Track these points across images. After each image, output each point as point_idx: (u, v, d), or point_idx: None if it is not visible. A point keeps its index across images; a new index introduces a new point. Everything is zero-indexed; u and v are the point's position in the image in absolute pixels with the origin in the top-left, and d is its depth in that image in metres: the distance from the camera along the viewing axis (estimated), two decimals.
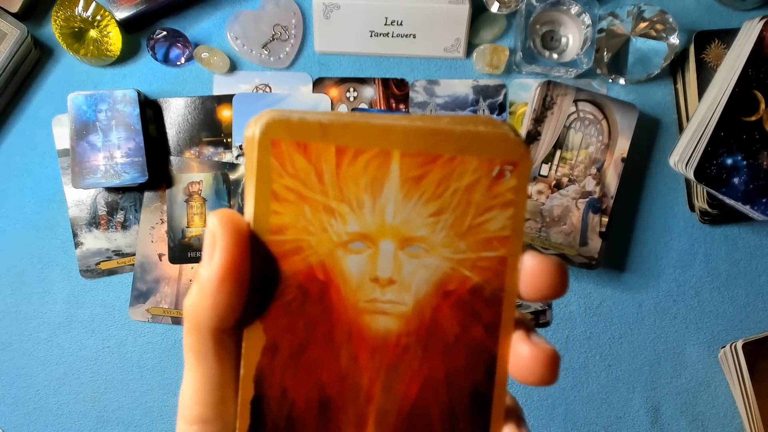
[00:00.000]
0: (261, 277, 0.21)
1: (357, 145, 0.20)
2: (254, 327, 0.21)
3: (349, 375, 0.22)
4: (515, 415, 0.23)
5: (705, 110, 0.59)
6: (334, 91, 0.65)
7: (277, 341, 0.21)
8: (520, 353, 0.21)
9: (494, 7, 0.63)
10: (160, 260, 0.64)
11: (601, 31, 0.63)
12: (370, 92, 0.65)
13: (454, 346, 0.22)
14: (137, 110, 0.61)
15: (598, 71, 0.64)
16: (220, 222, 0.20)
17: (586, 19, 0.62)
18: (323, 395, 0.22)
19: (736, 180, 0.58)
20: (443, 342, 0.22)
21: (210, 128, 0.65)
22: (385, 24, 0.63)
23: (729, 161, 0.58)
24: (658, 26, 0.62)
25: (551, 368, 0.21)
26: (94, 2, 0.62)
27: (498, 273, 0.22)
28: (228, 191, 0.65)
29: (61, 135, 0.64)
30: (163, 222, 0.64)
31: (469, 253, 0.22)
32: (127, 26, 0.64)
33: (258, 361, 0.21)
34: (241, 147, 0.65)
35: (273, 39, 0.65)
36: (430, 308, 0.22)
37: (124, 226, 0.64)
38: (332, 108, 0.65)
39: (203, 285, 0.20)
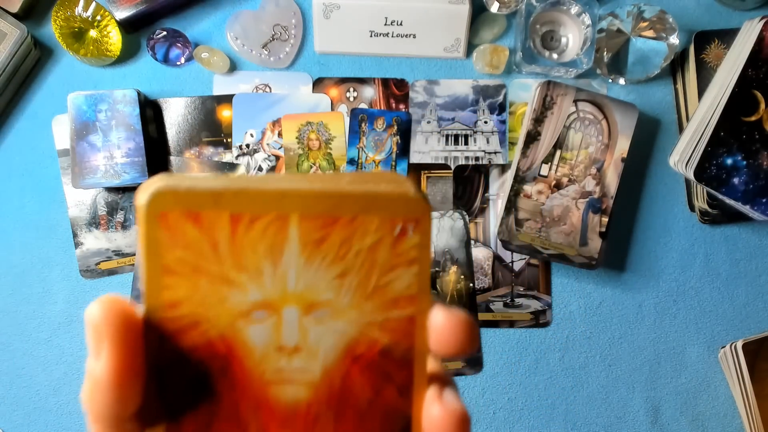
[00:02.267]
0: (158, 357, 0.20)
1: (252, 211, 0.20)
2: (155, 409, 0.20)
3: None
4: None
5: (705, 110, 0.59)
6: (334, 91, 0.65)
7: (181, 423, 0.20)
8: (432, 414, 0.21)
9: (494, 7, 0.63)
10: None
11: (601, 31, 0.63)
12: (370, 92, 0.65)
13: (367, 412, 0.21)
14: (137, 110, 0.61)
15: (598, 71, 0.64)
16: (103, 314, 0.18)
17: (586, 19, 0.62)
18: None
19: (736, 180, 0.58)
20: (356, 408, 0.21)
21: (210, 128, 0.65)
22: (385, 24, 0.63)
23: (729, 161, 0.58)
24: (658, 26, 0.62)
25: (462, 429, 0.20)
26: (94, 2, 0.62)
27: (407, 333, 0.21)
28: None
29: (61, 135, 0.64)
30: None
31: (377, 315, 0.21)
32: (127, 26, 0.64)
33: None
34: (240, 147, 0.65)
35: (273, 39, 0.65)
36: (339, 374, 0.21)
37: (124, 226, 0.64)
38: (332, 108, 0.65)
39: (95, 381, 0.19)
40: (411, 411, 0.21)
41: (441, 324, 0.21)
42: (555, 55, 0.64)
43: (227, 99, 0.65)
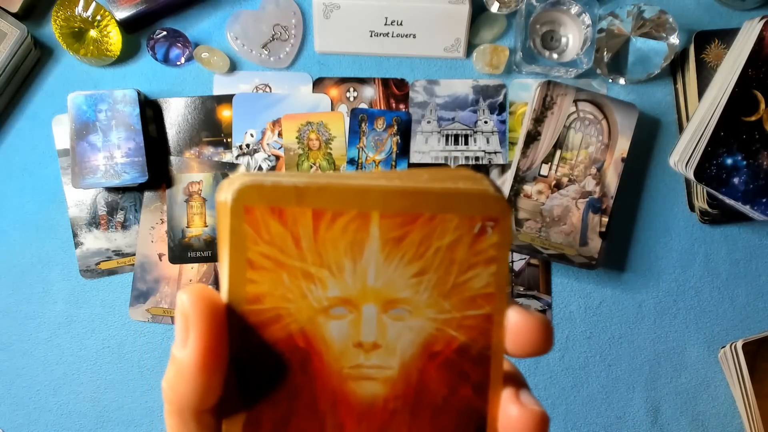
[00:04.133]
0: (239, 350, 0.20)
1: (334, 208, 0.20)
2: (234, 401, 0.20)
3: None
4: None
5: (705, 110, 0.59)
6: (334, 91, 0.65)
7: (259, 415, 0.20)
8: (510, 414, 0.21)
9: (494, 7, 0.63)
10: (160, 260, 0.64)
11: (601, 31, 0.63)
12: (370, 92, 0.65)
13: (442, 409, 0.21)
14: (137, 110, 0.61)
15: (598, 71, 0.64)
16: (192, 302, 0.19)
17: (586, 19, 0.62)
18: None
19: (736, 180, 0.58)
20: (431, 405, 0.21)
21: (210, 128, 0.65)
22: (385, 24, 0.63)
23: (729, 161, 0.58)
24: (658, 26, 0.62)
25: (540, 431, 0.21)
26: (94, 2, 0.62)
27: (484, 331, 0.21)
28: None
29: (61, 135, 0.64)
30: (163, 222, 0.64)
31: (454, 313, 0.21)
32: (127, 26, 0.64)
33: None
34: (240, 147, 0.65)
35: (273, 39, 0.65)
36: (416, 371, 0.21)
37: (124, 226, 0.64)
38: (332, 108, 0.65)
39: (180, 369, 0.19)
40: (486, 410, 0.21)
41: (518, 324, 0.21)
42: (555, 55, 0.64)
43: (227, 99, 0.65)
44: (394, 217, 0.20)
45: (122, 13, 0.62)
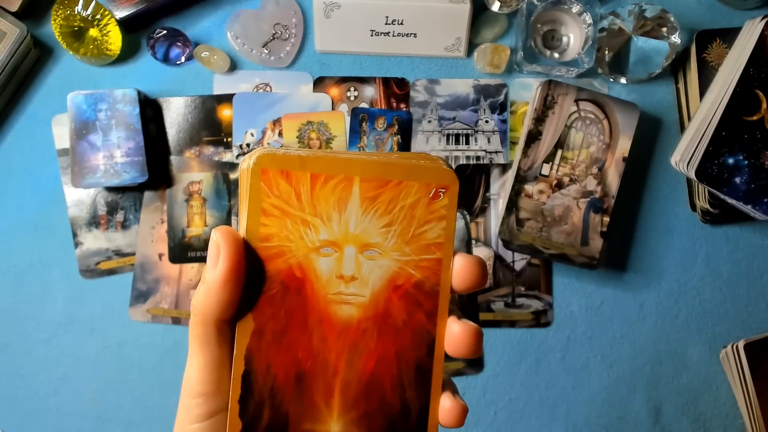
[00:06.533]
0: (252, 276, 0.26)
1: (327, 173, 0.26)
2: (245, 315, 0.27)
3: (319, 353, 0.27)
4: (450, 386, 0.29)
5: (706, 110, 0.59)
6: (335, 91, 0.65)
7: (263, 326, 0.27)
8: (453, 330, 0.27)
9: (495, 7, 0.63)
10: (160, 260, 0.64)
11: (602, 30, 0.63)
12: (370, 91, 0.65)
13: (402, 329, 0.28)
14: (137, 109, 0.61)
15: (600, 71, 0.64)
16: (222, 235, 0.26)
17: (588, 18, 0.61)
18: (299, 369, 0.27)
19: (737, 180, 0.58)
20: (394, 326, 0.28)
21: (210, 128, 0.65)
22: (386, 23, 0.63)
23: (730, 161, 0.57)
24: (660, 25, 0.62)
25: (477, 341, 0.27)
26: (93, 1, 0.62)
27: (435, 271, 0.28)
28: (228, 191, 0.64)
29: (61, 134, 0.64)
30: (163, 222, 0.64)
31: (413, 256, 0.27)
32: (127, 25, 0.64)
33: (248, 343, 0.27)
34: (241, 146, 0.64)
35: (273, 38, 0.65)
36: (383, 299, 0.27)
37: (124, 225, 0.64)
38: (333, 107, 0.65)
39: (209, 286, 0.26)
40: (435, 331, 0.28)
41: (461, 266, 0.27)
42: (556, 55, 0.63)
43: (227, 98, 0.65)
44: (370, 181, 0.27)
45: (122, 12, 0.62)
